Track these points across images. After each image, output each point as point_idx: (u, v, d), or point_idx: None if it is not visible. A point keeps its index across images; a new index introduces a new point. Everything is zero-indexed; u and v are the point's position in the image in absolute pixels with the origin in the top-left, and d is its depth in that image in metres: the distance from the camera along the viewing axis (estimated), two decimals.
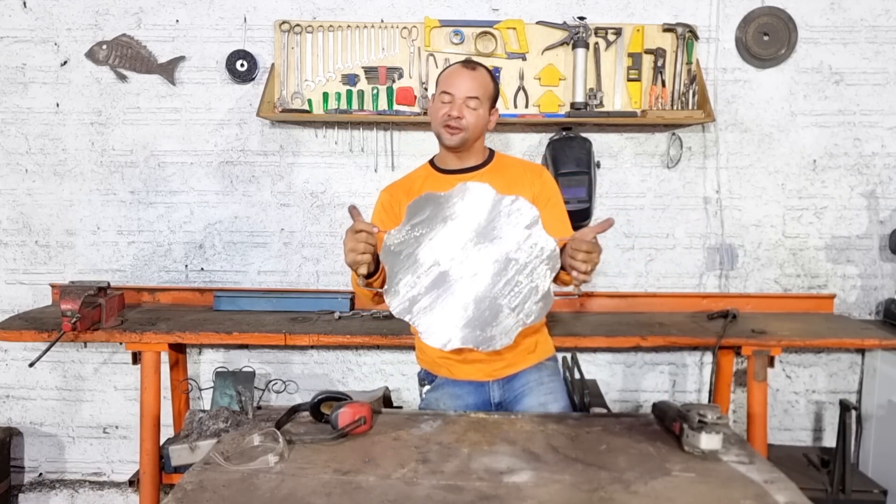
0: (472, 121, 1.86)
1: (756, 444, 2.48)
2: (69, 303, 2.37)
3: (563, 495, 1.28)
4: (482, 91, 1.87)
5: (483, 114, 1.89)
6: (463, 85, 1.85)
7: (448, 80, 1.87)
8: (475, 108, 1.86)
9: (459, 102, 1.85)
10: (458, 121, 1.84)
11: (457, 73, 1.87)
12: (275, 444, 1.49)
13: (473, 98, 1.85)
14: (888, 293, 3.01)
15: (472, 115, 1.86)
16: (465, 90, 1.85)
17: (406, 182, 2.00)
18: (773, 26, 2.90)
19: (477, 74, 1.87)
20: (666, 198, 3.02)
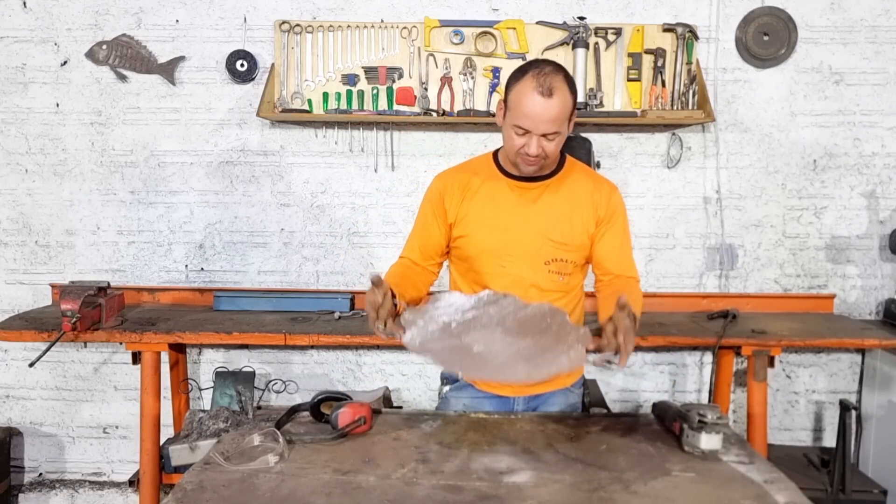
0: (551, 151, 1.68)
1: (756, 444, 2.48)
2: (69, 303, 2.37)
3: (563, 495, 1.28)
4: (561, 118, 1.64)
5: (563, 137, 1.70)
6: (541, 120, 1.61)
7: (521, 110, 1.62)
8: (554, 138, 1.65)
9: (536, 138, 1.64)
10: (537, 158, 1.67)
11: (530, 101, 1.60)
12: (275, 444, 1.49)
13: (553, 130, 1.63)
14: (888, 293, 3.01)
15: (552, 146, 1.67)
16: (542, 126, 1.62)
17: (463, 177, 1.83)
18: (773, 26, 2.90)
19: (555, 103, 1.60)
20: (666, 198, 3.02)
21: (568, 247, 1.78)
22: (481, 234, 1.79)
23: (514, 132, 1.66)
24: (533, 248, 1.77)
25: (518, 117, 1.64)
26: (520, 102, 1.63)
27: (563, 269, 1.80)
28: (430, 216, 1.84)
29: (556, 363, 1.39)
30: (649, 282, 3.06)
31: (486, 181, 1.81)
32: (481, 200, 1.80)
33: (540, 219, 1.78)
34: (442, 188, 1.83)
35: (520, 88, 1.64)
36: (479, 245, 1.79)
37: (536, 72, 1.63)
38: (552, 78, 1.62)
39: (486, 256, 1.79)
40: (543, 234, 1.77)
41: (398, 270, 1.82)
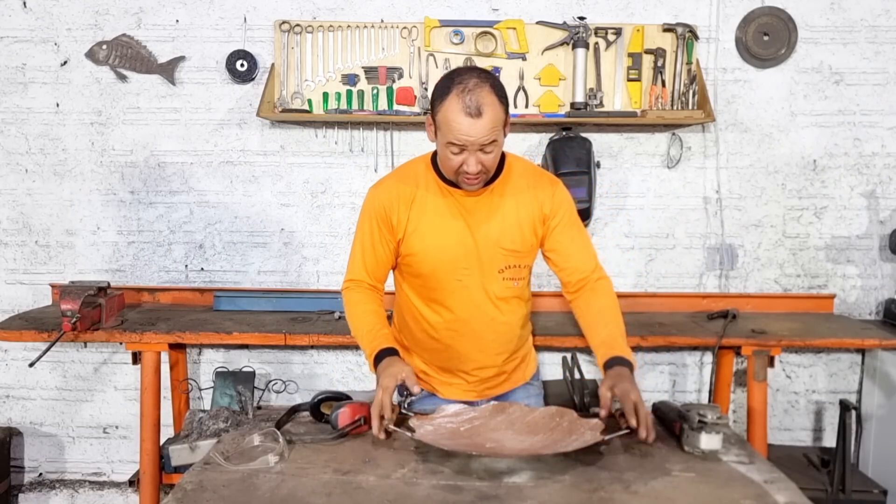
0: (490, 163, 1.62)
1: (756, 444, 2.48)
2: (69, 303, 2.37)
3: (563, 495, 1.28)
4: (495, 129, 1.57)
5: (501, 144, 1.63)
6: (472, 136, 1.55)
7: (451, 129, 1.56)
8: (491, 150, 1.59)
9: (473, 157, 1.58)
10: (478, 175, 1.62)
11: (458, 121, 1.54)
12: (275, 444, 1.49)
13: (488, 144, 1.57)
14: (888, 293, 3.01)
15: (490, 158, 1.60)
16: (477, 142, 1.56)
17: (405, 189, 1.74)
18: (773, 26, 2.90)
19: (485, 120, 1.54)
20: (666, 198, 3.02)
21: (520, 253, 1.76)
22: (433, 250, 1.73)
23: (448, 152, 1.60)
24: (486, 258, 1.73)
25: (449, 136, 1.57)
26: (449, 124, 1.56)
27: (517, 274, 1.78)
28: (376, 234, 1.76)
29: (572, 446, 1.41)
30: (649, 282, 3.06)
31: (429, 193, 1.73)
32: (428, 215, 1.72)
33: (488, 228, 1.72)
34: (387, 203, 1.73)
35: (447, 109, 1.56)
36: (431, 263, 1.74)
37: (460, 89, 1.54)
38: (478, 94, 1.53)
39: (440, 273, 1.74)
40: (495, 243, 1.73)
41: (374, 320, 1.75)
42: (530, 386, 1.98)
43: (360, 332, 1.77)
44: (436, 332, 1.82)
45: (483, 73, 1.60)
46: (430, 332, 1.83)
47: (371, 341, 1.72)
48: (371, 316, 1.76)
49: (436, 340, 1.83)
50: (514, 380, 1.94)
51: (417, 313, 1.83)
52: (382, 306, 1.82)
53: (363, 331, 1.76)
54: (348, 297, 1.82)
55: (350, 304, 1.81)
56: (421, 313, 1.83)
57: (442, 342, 1.83)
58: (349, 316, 1.81)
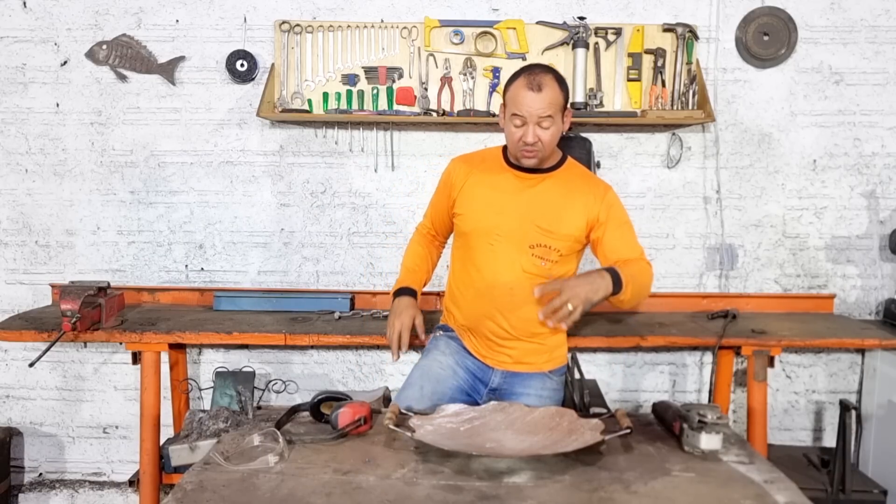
0: (547, 140, 1.87)
1: (756, 444, 2.48)
2: (69, 303, 2.37)
3: (563, 495, 1.28)
4: (554, 107, 1.85)
5: (557, 128, 1.89)
6: (533, 107, 1.83)
7: (516, 102, 1.86)
8: (548, 126, 1.86)
9: (532, 125, 1.85)
10: (534, 146, 1.86)
11: (523, 96, 1.84)
12: (275, 444, 1.49)
13: (546, 118, 1.85)
14: (888, 293, 3.01)
15: (547, 134, 1.86)
16: (536, 113, 1.84)
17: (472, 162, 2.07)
18: (773, 26, 2.90)
19: (545, 95, 1.83)
20: (666, 198, 3.02)
21: (553, 234, 1.94)
22: (475, 213, 2.00)
23: (512, 125, 1.88)
24: (520, 231, 1.94)
25: (514, 108, 1.86)
26: (515, 98, 1.86)
27: (546, 254, 1.94)
28: (441, 193, 2.12)
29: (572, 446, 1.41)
30: None
31: (491, 168, 2.02)
32: (482, 184, 2.01)
33: (531, 206, 1.95)
34: (452, 169, 2.09)
35: (514, 87, 1.88)
36: (472, 223, 2.00)
37: (528, 73, 1.87)
38: (541, 76, 1.85)
39: (477, 234, 1.99)
40: (532, 220, 1.94)
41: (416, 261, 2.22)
42: (548, 378, 2.04)
43: (401, 267, 2.23)
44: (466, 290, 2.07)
45: (549, 67, 1.93)
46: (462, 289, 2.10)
47: (402, 276, 2.20)
48: (415, 257, 2.23)
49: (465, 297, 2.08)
50: (533, 363, 2.02)
51: (457, 270, 2.12)
52: (432, 252, 2.27)
53: (403, 267, 2.23)
54: (411, 238, 2.29)
55: (409, 243, 2.28)
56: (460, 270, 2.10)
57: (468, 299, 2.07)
58: (405, 251, 2.27)
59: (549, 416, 1.59)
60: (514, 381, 2.02)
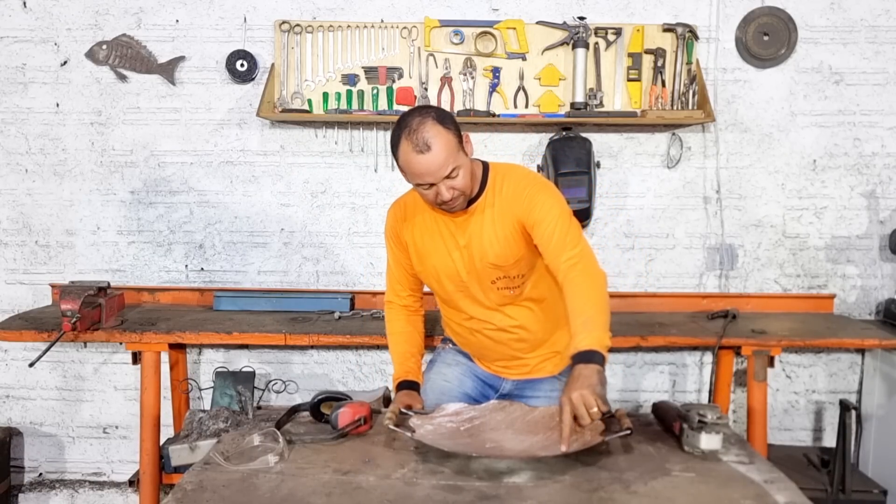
0: (462, 185, 1.72)
1: (756, 444, 2.48)
2: (69, 303, 2.37)
3: (563, 495, 1.28)
4: (451, 157, 1.68)
5: (466, 167, 1.73)
6: (432, 171, 1.67)
7: (413, 172, 1.69)
8: (456, 174, 1.70)
9: (442, 185, 1.70)
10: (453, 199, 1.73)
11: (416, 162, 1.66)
12: (275, 444, 1.49)
13: (450, 171, 1.68)
14: (888, 293, 3.01)
15: (459, 181, 1.71)
16: (439, 173, 1.67)
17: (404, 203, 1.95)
18: (773, 26, 2.90)
19: (435, 153, 1.65)
20: (666, 198, 3.02)
21: (504, 266, 1.83)
22: (432, 268, 1.90)
23: (421, 190, 1.75)
24: (478, 271, 1.85)
25: (414, 178, 1.71)
26: (409, 167, 1.69)
27: (510, 283, 1.87)
28: (394, 248, 1.98)
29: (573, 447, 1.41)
30: (649, 282, 3.06)
31: (426, 214, 1.89)
32: (426, 235, 1.89)
33: (473, 247, 1.83)
34: (392, 220, 1.97)
35: (401, 155, 1.70)
36: (435, 278, 1.92)
37: (406, 133, 1.67)
38: (422, 131, 1.66)
39: (445, 286, 1.91)
40: (482, 258, 1.83)
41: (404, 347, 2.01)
42: (557, 381, 2.00)
43: (393, 356, 2.03)
44: (459, 328, 2.02)
45: (425, 108, 1.74)
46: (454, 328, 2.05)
47: (398, 369, 1.98)
48: (401, 338, 2.03)
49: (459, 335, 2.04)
50: (544, 369, 1.99)
51: (445, 310, 2.05)
52: (416, 324, 2.06)
53: (394, 355, 2.02)
54: (386, 318, 2.08)
55: (387, 324, 2.07)
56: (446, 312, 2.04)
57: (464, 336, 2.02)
58: (387, 335, 2.07)
59: (548, 415, 1.59)
60: (525, 386, 2.00)
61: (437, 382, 2.02)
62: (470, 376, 2.04)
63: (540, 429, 1.54)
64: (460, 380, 2.02)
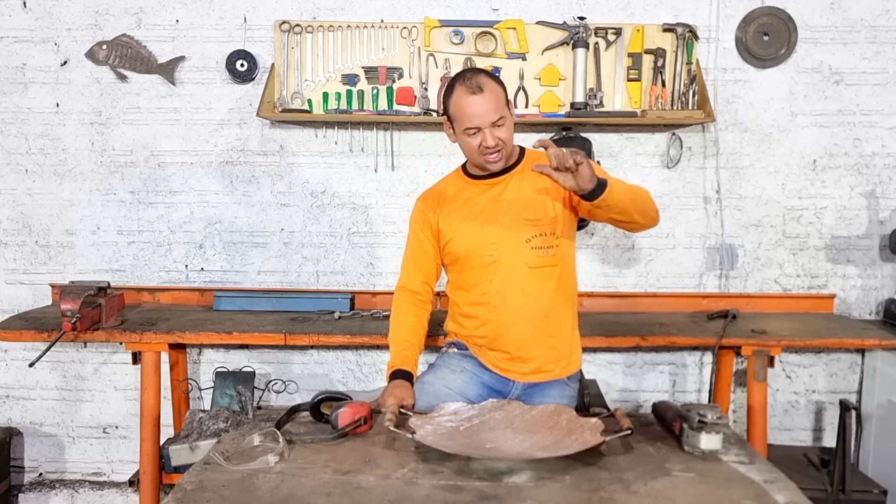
0: (506, 137, 1.85)
1: (756, 444, 2.48)
2: (69, 303, 2.37)
3: (563, 495, 1.28)
4: (500, 105, 1.83)
5: (511, 122, 1.87)
6: (481, 113, 1.80)
7: (464, 114, 1.82)
8: (502, 124, 1.84)
9: (488, 130, 1.82)
10: (496, 147, 1.84)
11: (468, 103, 1.81)
12: (275, 444, 1.49)
13: (499, 118, 1.82)
14: (888, 293, 3.01)
15: (504, 132, 1.84)
16: (487, 117, 1.81)
17: (437, 191, 2.05)
18: (773, 26, 2.90)
19: (487, 95, 1.80)
20: (666, 198, 3.02)
21: (542, 221, 1.91)
22: (463, 233, 1.96)
23: (467, 136, 1.85)
24: (511, 231, 1.91)
25: (465, 121, 1.83)
26: (461, 108, 1.82)
27: (545, 243, 1.92)
28: (420, 233, 2.04)
29: (572, 448, 1.41)
30: (649, 282, 3.06)
31: (457, 190, 2.00)
32: (457, 205, 1.98)
33: (511, 205, 1.92)
34: (423, 206, 2.05)
35: (455, 98, 1.84)
36: (464, 244, 1.96)
37: (461, 80, 1.84)
38: (476, 78, 1.82)
39: (473, 252, 1.95)
40: (517, 216, 1.91)
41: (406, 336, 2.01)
42: (566, 385, 2.02)
43: (392, 343, 2.03)
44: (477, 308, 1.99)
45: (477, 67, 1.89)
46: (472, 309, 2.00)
47: (394, 357, 1.98)
48: (404, 332, 2.03)
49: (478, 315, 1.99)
50: (553, 372, 1.99)
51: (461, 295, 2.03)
52: (422, 317, 2.07)
53: (393, 342, 2.02)
54: (394, 304, 2.09)
55: (393, 310, 2.08)
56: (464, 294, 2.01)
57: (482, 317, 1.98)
58: (391, 318, 2.08)
59: (547, 414, 1.59)
60: (534, 391, 1.97)
61: (437, 387, 1.97)
62: (475, 383, 1.99)
63: (539, 428, 1.54)
64: (463, 387, 1.98)
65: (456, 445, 1.46)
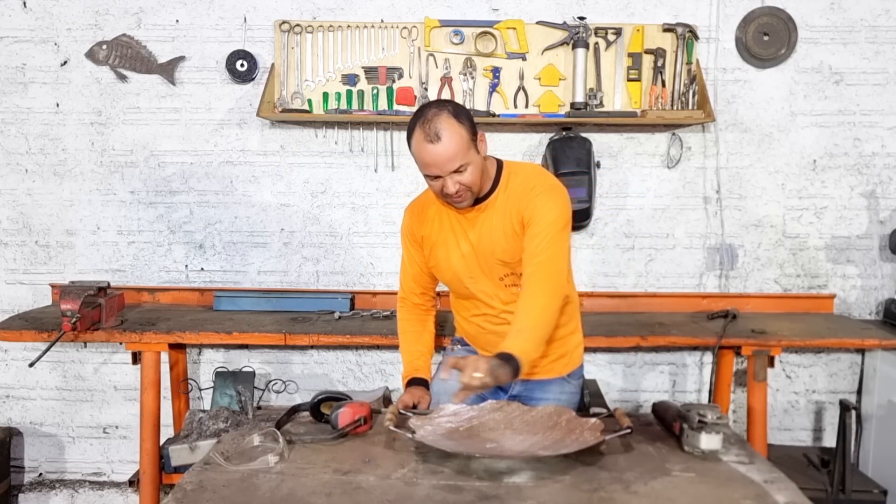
0: (468, 181, 1.75)
1: (756, 444, 2.48)
2: (69, 303, 2.37)
3: (563, 495, 1.28)
4: (461, 152, 1.71)
5: (475, 166, 1.75)
6: (439, 162, 1.71)
7: (422, 161, 1.74)
8: (464, 170, 1.73)
9: (448, 179, 1.73)
10: (459, 194, 1.76)
11: (425, 151, 1.71)
12: (275, 444, 1.49)
13: (459, 166, 1.72)
14: (888, 293, 3.01)
15: (466, 177, 1.74)
16: (446, 167, 1.71)
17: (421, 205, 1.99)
18: (773, 26, 2.90)
19: (445, 144, 1.69)
20: (666, 198, 3.02)
21: (510, 263, 1.86)
22: (444, 262, 1.94)
23: (430, 180, 1.79)
24: (486, 268, 1.89)
25: (423, 168, 1.76)
26: (419, 156, 1.75)
27: (516, 281, 1.88)
28: (410, 247, 2.01)
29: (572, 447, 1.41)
30: (649, 282, 3.06)
31: (438, 210, 1.94)
32: (440, 230, 1.94)
33: (483, 241, 1.87)
34: (409, 220, 2.00)
35: (414, 144, 1.76)
36: (445, 273, 1.96)
37: (421, 122, 1.73)
38: (435, 123, 1.70)
39: (455, 278, 1.94)
40: (490, 254, 1.87)
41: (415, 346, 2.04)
42: (566, 382, 2.01)
43: (403, 354, 2.06)
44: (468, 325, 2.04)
45: (443, 102, 1.79)
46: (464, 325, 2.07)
47: (407, 368, 2.01)
48: (411, 337, 2.06)
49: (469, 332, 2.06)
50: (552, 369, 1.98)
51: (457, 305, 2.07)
52: (427, 323, 2.09)
53: (404, 354, 2.05)
54: (398, 315, 2.11)
55: (398, 322, 2.10)
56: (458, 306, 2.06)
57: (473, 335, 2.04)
58: (398, 333, 2.09)
59: (547, 414, 1.59)
60: (533, 387, 1.97)
61: (441, 385, 1.99)
62: None
63: (539, 428, 1.55)
64: None
65: (456, 445, 1.46)
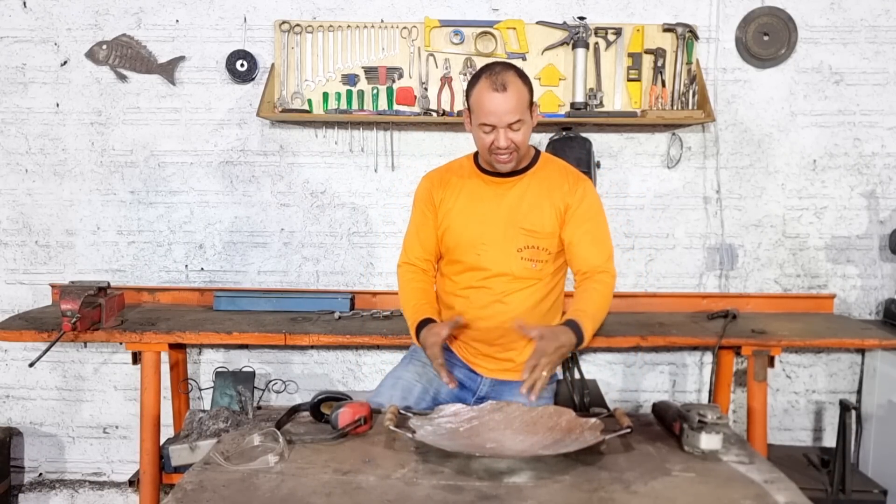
0: (520, 141, 1.80)
1: (756, 444, 2.48)
2: (69, 303, 2.37)
3: (563, 495, 1.28)
4: (520, 107, 1.76)
5: (528, 127, 1.82)
6: (499, 112, 1.75)
7: (482, 109, 1.77)
8: (518, 128, 1.78)
9: (502, 131, 1.77)
10: (508, 149, 1.80)
11: (488, 99, 1.75)
12: (275, 444, 1.49)
13: (516, 120, 1.77)
14: (888, 293, 3.01)
15: (519, 135, 1.79)
16: (504, 118, 1.75)
17: (445, 175, 2.00)
18: (773, 26, 2.90)
19: (509, 95, 1.74)
20: (666, 198, 3.02)
21: (538, 234, 1.89)
22: (459, 225, 1.94)
23: (481, 132, 1.81)
24: (506, 236, 1.89)
25: (481, 116, 1.78)
26: (480, 102, 1.77)
27: (536, 255, 1.90)
28: (425, 209, 2.00)
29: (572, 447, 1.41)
30: (649, 282, 3.06)
31: (466, 179, 1.96)
32: (460, 196, 1.95)
33: (512, 209, 1.90)
34: (429, 185, 2.00)
35: (478, 91, 1.79)
36: (457, 236, 1.94)
37: (489, 73, 1.78)
38: (503, 74, 1.76)
39: (463, 246, 1.93)
40: (515, 223, 1.89)
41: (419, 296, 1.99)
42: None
43: (406, 306, 1.99)
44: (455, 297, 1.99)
45: (508, 63, 1.85)
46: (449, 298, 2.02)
47: (413, 314, 1.94)
48: (417, 293, 1.99)
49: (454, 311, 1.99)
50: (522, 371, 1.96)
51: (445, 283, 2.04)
52: (430, 284, 2.06)
53: (408, 305, 1.98)
54: (400, 275, 2.06)
55: (401, 281, 2.05)
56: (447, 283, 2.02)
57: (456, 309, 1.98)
58: (399, 292, 2.04)
59: (547, 415, 1.59)
60: (502, 388, 1.97)
61: (403, 377, 1.98)
62: None
63: (539, 428, 1.55)
64: (433, 379, 1.96)
65: (456, 445, 1.46)
